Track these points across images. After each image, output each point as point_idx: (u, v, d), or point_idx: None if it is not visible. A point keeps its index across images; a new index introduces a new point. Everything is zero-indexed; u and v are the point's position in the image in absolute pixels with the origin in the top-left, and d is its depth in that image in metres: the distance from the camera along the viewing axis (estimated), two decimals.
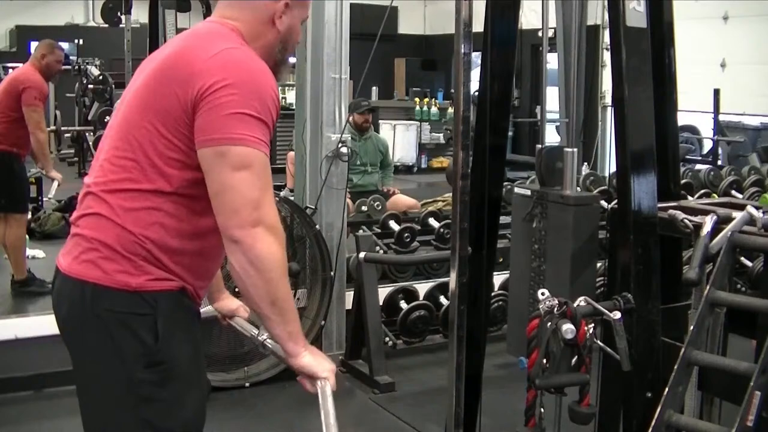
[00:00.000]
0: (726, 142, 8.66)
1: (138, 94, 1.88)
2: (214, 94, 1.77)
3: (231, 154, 1.76)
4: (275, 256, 1.78)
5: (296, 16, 2.00)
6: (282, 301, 1.82)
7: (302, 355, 1.88)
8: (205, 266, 1.99)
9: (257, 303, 1.82)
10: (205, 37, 1.90)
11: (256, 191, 1.77)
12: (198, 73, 1.79)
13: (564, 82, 9.34)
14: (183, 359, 1.90)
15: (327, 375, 1.89)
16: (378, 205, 6.02)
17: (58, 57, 5.65)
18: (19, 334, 4.36)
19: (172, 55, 1.88)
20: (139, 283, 1.83)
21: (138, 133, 1.84)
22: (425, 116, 12.71)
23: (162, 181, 1.83)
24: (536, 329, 2.47)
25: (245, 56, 1.86)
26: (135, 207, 1.83)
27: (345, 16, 4.55)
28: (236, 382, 4.33)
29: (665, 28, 2.93)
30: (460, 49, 2.49)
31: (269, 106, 1.81)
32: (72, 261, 1.88)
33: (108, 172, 1.87)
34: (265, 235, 1.76)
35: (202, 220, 1.87)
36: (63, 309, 1.91)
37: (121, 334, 1.82)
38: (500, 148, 3.15)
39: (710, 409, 2.71)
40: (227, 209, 1.77)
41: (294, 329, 1.87)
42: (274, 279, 1.79)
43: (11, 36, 13.60)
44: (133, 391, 1.84)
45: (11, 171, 5.39)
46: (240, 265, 1.78)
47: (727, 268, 2.49)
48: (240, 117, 1.76)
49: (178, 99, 1.80)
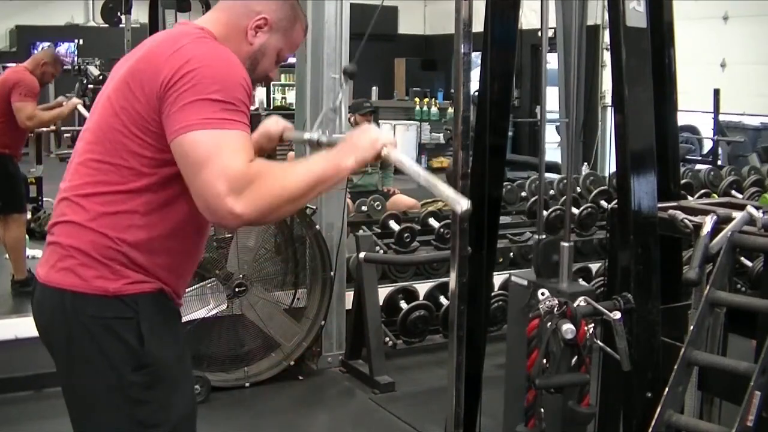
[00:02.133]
0: (726, 142, 8.66)
1: (110, 97, 1.87)
2: (174, 85, 1.75)
3: (188, 142, 1.70)
4: (268, 200, 1.69)
5: (273, 42, 1.98)
6: (306, 187, 1.74)
7: (348, 163, 1.81)
8: (185, 264, 1.97)
9: (292, 209, 1.80)
10: (171, 38, 1.88)
11: (217, 171, 1.67)
12: (160, 70, 1.77)
13: (564, 82, 9.34)
14: (169, 359, 1.89)
15: (381, 143, 1.83)
16: (378, 205, 6.01)
17: (57, 71, 5.76)
18: (19, 334, 4.35)
19: (142, 58, 1.88)
20: (116, 288, 1.82)
21: (112, 135, 1.83)
22: (425, 116, 12.72)
23: (137, 181, 1.82)
24: (536, 329, 2.47)
25: (205, 46, 1.83)
26: (110, 211, 1.82)
27: (345, 16, 4.54)
28: (236, 382, 4.33)
29: (665, 28, 2.93)
30: (460, 49, 2.49)
31: (235, 88, 1.75)
32: (49, 270, 1.87)
33: (83, 175, 1.86)
34: (248, 202, 1.66)
35: (178, 218, 1.85)
36: (44, 318, 1.90)
37: (105, 339, 1.82)
38: (500, 148, 3.15)
39: (710, 409, 2.71)
40: (202, 204, 1.71)
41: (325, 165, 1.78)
42: (284, 197, 1.71)
43: (11, 36, 13.60)
44: (122, 394, 1.83)
45: (6, 172, 5.41)
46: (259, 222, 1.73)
47: (727, 268, 2.49)
48: (199, 103, 1.72)
49: (146, 98, 1.79)
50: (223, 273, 4.25)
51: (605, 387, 2.80)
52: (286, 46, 2.02)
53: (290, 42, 2.03)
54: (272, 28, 1.97)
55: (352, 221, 5.45)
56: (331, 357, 4.71)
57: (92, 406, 1.88)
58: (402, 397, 4.35)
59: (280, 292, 4.55)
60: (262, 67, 2.01)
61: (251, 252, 4.32)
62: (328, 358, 4.70)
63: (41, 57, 5.63)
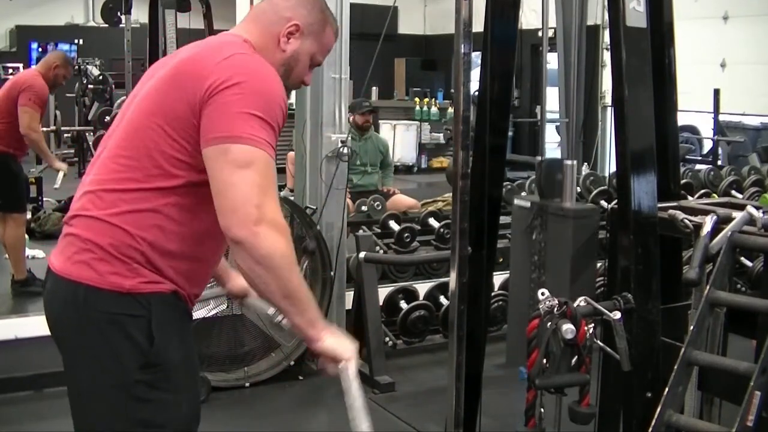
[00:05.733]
0: (726, 142, 8.66)
1: (148, 97, 1.89)
2: (220, 93, 1.77)
3: (233, 152, 1.75)
4: (281, 251, 1.75)
5: (306, 47, 2.00)
6: (295, 293, 1.80)
7: (323, 339, 1.86)
8: (201, 272, 1.97)
9: (271, 299, 1.81)
10: (217, 46, 1.92)
11: (257, 189, 1.74)
12: (207, 75, 1.80)
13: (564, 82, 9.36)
14: (177, 361, 1.89)
15: (350, 356, 1.87)
16: (378, 205, 6.02)
17: (68, 73, 5.80)
18: (19, 334, 4.36)
19: (185, 60, 1.90)
20: (132, 285, 1.82)
21: (144, 134, 1.84)
22: (425, 116, 12.70)
23: (165, 182, 1.83)
24: (536, 329, 2.47)
25: (255, 60, 1.87)
26: (134, 209, 1.83)
27: (345, 16, 4.55)
28: (236, 382, 4.33)
29: (665, 28, 2.93)
30: (460, 49, 2.49)
31: (276, 109, 1.80)
32: (65, 261, 1.87)
33: (110, 171, 1.87)
34: (269, 232, 1.73)
35: (201, 224, 1.86)
36: (56, 309, 1.90)
37: (114, 335, 1.82)
38: (500, 148, 3.15)
39: (710, 409, 2.71)
40: (228, 208, 1.74)
41: (311, 316, 1.85)
42: (283, 275, 1.76)
43: (11, 36, 13.60)
44: (127, 391, 1.83)
45: (9, 171, 5.42)
46: (247, 266, 1.76)
47: (727, 268, 2.49)
48: (245, 116, 1.76)
49: (187, 101, 1.80)
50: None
51: (605, 387, 2.79)
52: (319, 50, 2.04)
53: (322, 45, 2.05)
54: (304, 34, 1.99)
55: (352, 221, 5.45)
56: None
57: (95, 401, 1.88)
58: (402, 397, 4.35)
59: None
60: (297, 73, 2.03)
61: None
62: None
63: (53, 60, 5.64)
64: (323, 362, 1.90)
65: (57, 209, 7.27)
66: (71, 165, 10.28)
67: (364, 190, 6.58)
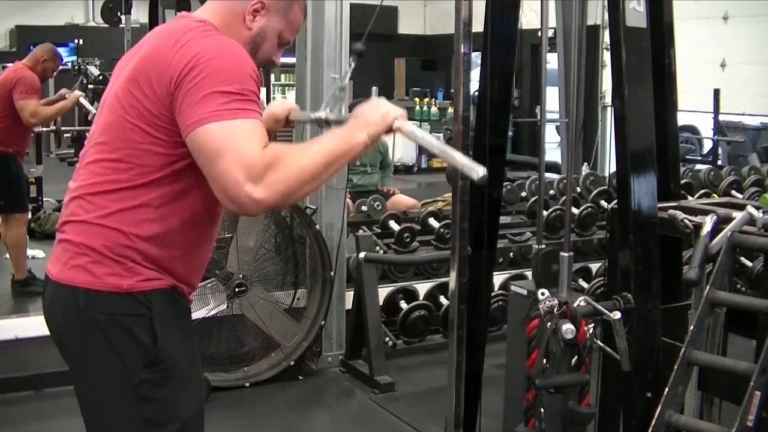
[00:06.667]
0: (726, 142, 8.66)
1: (117, 95, 1.88)
2: (184, 80, 1.75)
3: (201, 135, 1.71)
4: (289, 180, 1.70)
5: (273, 24, 1.97)
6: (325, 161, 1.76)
7: (362, 137, 1.84)
8: (199, 256, 1.98)
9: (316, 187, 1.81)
10: (174, 32, 1.88)
11: (239, 164, 1.68)
12: (167, 67, 1.78)
13: (564, 82, 9.34)
14: (180, 357, 1.90)
15: (393, 117, 1.88)
16: (378, 205, 6.01)
17: (56, 66, 5.78)
18: (19, 334, 4.35)
19: (147, 54, 1.88)
20: (130, 284, 1.82)
21: (122, 133, 1.84)
22: (425, 116, 12.71)
23: (149, 177, 1.82)
24: (536, 329, 2.47)
25: (210, 38, 1.83)
26: (123, 207, 1.83)
27: (345, 16, 4.54)
28: (236, 382, 4.33)
29: (665, 28, 2.93)
30: (460, 49, 2.49)
31: (243, 78, 1.76)
32: (62, 267, 1.87)
33: (94, 174, 1.87)
34: (269, 186, 1.68)
35: (192, 210, 1.86)
36: (57, 316, 1.90)
37: (117, 335, 1.82)
38: (500, 148, 3.15)
39: (710, 409, 2.71)
40: (221, 185, 1.70)
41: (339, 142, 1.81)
42: (306, 178, 1.73)
43: (11, 36, 13.60)
44: (133, 391, 1.84)
45: (9, 171, 5.41)
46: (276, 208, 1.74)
47: (727, 268, 2.49)
48: (210, 97, 1.72)
49: (155, 95, 1.79)
50: (223, 273, 4.25)
51: (605, 387, 2.79)
52: (287, 28, 2.01)
53: (290, 23, 2.01)
54: (270, 11, 1.96)
55: (352, 221, 5.45)
56: (331, 357, 4.71)
57: (103, 403, 1.89)
58: (402, 397, 4.35)
59: (280, 292, 4.55)
60: (264, 51, 2.00)
61: (251, 252, 4.32)
62: (328, 358, 4.70)
63: (40, 53, 5.62)
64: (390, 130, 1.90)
65: (57, 209, 7.26)
66: (71, 165, 10.30)
67: (364, 190, 6.57)
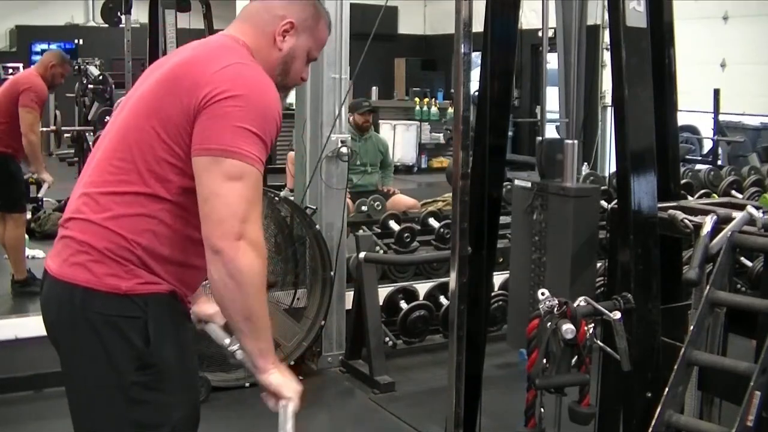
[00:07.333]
0: (726, 142, 8.65)
1: (143, 99, 1.88)
2: (218, 103, 1.77)
3: (226, 165, 1.75)
4: (255, 270, 1.77)
5: (302, 43, 2.00)
6: (257, 317, 1.83)
7: (270, 372, 1.90)
8: (193, 277, 1.97)
9: (232, 316, 1.83)
10: (215, 50, 1.90)
11: (244, 204, 1.76)
12: (204, 83, 1.79)
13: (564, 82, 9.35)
14: (174, 362, 1.89)
15: (292, 395, 1.91)
16: (378, 205, 6.01)
17: (66, 71, 5.77)
18: (19, 334, 4.35)
19: (182, 64, 1.89)
20: (129, 287, 1.82)
21: (139, 136, 1.84)
22: (425, 116, 12.70)
23: (159, 186, 1.83)
24: (536, 329, 2.47)
25: (254, 72, 1.86)
26: (128, 213, 1.83)
27: (345, 16, 4.54)
28: (236, 382, 4.32)
29: (665, 28, 2.93)
30: (460, 49, 2.49)
31: (271, 125, 1.81)
32: (62, 264, 1.87)
33: (105, 173, 1.87)
34: (248, 250, 1.75)
35: (193, 230, 1.85)
36: (52, 312, 1.90)
37: (111, 336, 1.82)
38: (500, 148, 3.15)
39: (710, 409, 2.71)
40: (213, 218, 1.76)
41: (265, 346, 1.88)
42: (251, 294, 1.79)
43: (11, 36, 13.61)
44: (123, 393, 1.84)
45: (8, 171, 5.41)
46: (219, 276, 1.77)
47: (727, 268, 2.49)
48: (241, 131, 1.76)
49: (182, 106, 1.80)
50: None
51: (605, 387, 2.79)
52: (314, 45, 2.04)
53: (317, 40, 2.04)
54: (298, 30, 1.99)
55: (352, 221, 5.45)
56: (331, 357, 4.71)
57: (92, 403, 1.89)
58: (402, 397, 4.36)
59: (280, 292, 4.55)
60: (295, 70, 2.03)
61: None
62: (328, 358, 4.70)
63: (49, 59, 5.62)
64: (266, 396, 1.93)
65: (57, 209, 7.26)
66: (71, 165, 10.30)
67: (364, 190, 6.58)
